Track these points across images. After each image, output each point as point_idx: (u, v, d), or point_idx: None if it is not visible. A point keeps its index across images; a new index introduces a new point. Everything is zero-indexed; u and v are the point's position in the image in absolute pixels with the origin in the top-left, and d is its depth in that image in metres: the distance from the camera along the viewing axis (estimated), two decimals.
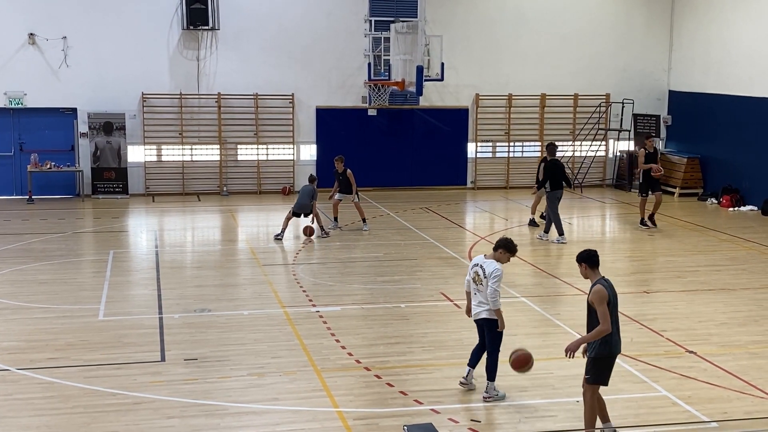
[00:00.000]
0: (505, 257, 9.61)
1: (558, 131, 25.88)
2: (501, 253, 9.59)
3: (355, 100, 24.63)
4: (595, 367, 8.32)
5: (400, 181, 24.93)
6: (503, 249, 9.59)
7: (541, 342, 11.53)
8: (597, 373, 8.33)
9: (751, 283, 14.81)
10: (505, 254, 9.59)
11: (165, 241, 18.56)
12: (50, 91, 22.84)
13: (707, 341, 11.64)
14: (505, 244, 9.62)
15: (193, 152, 23.99)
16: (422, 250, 17.26)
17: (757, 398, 9.66)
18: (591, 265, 8.48)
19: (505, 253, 9.59)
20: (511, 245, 9.64)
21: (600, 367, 8.32)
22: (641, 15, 25.91)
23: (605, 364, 8.33)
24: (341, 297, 13.76)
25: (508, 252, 9.60)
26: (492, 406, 9.39)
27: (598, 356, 8.27)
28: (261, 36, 23.82)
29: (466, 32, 24.86)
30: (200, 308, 13.02)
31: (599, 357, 8.27)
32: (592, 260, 8.49)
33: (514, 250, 9.64)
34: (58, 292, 13.92)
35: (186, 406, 9.34)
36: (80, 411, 9.19)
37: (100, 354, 10.97)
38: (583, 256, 8.53)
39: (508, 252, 9.60)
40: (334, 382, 10.03)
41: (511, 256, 9.67)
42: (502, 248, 9.60)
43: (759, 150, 22.31)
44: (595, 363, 8.31)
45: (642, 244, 18.23)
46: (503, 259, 9.61)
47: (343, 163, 19.08)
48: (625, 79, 25.93)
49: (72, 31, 22.76)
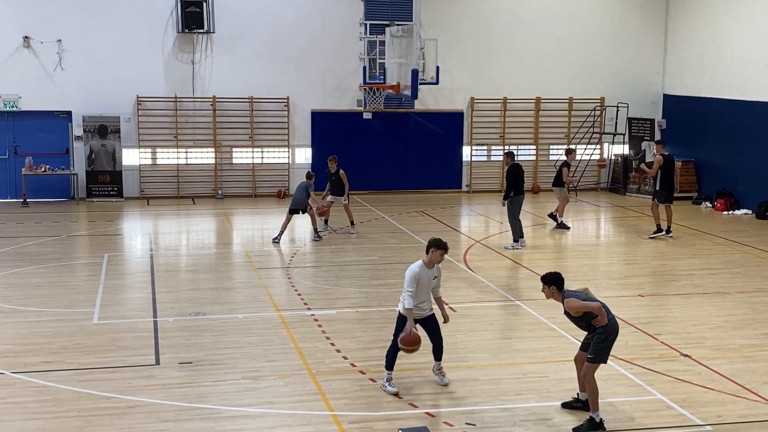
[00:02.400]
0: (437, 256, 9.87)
1: (553, 135, 25.94)
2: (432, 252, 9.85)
3: (351, 103, 24.65)
4: (600, 348, 8.91)
5: (395, 185, 24.95)
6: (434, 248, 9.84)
7: (536, 345, 11.55)
8: (600, 353, 8.93)
9: (745, 287, 14.84)
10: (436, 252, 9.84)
11: (160, 244, 18.54)
12: (45, 94, 22.83)
13: (702, 344, 11.66)
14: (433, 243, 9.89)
15: (188, 155, 23.97)
16: (417, 253, 17.22)
17: (751, 401, 9.68)
18: (558, 287, 9.00)
19: (436, 251, 9.82)
20: (440, 243, 9.89)
21: (604, 348, 8.92)
22: (635, 19, 25.98)
23: (609, 343, 8.94)
24: (336, 300, 13.76)
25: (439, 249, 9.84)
26: (487, 410, 9.39)
27: (604, 337, 8.88)
28: (256, 39, 23.83)
29: (461, 36, 24.91)
30: (195, 311, 13.01)
31: (604, 338, 8.88)
32: (559, 282, 9.00)
33: (443, 247, 9.88)
34: (53, 296, 13.90)
35: (181, 409, 9.32)
36: (75, 415, 9.17)
37: (95, 357, 10.95)
38: (550, 279, 9.01)
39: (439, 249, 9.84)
40: (329, 385, 10.03)
41: (444, 253, 9.90)
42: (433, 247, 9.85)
43: (753, 154, 22.37)
44: (601, 344, 8.90)
45: (636, 247, 18.25)
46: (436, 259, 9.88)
47: (336, 163, 19.07)
48: (619, 82, 25.99)
49: (67, 34, 22.75)
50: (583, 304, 8.86)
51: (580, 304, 8.86)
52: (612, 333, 8.93)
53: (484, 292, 14.27)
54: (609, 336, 8.90)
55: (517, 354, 11.21)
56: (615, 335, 8.98)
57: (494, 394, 9.83)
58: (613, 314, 9.01)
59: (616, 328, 8.97)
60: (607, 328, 8.88)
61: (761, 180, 21.98)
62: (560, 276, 9.01)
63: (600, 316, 8.84)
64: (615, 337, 8.99)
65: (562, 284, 8.99)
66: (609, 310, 8.98)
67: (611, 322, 8.91)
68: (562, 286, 8.99)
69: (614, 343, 9.02)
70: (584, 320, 8.97)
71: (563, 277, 9.03)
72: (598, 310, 8.82)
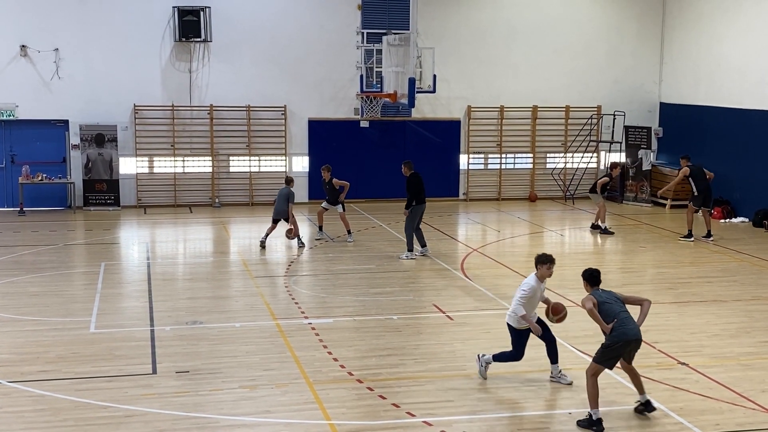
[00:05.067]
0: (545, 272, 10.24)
1: (550, 143, 25.98)
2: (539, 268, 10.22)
3: (348, 112, 24.67)
4: (604, 353, 9.23)
5: (392, 193, 24.91)
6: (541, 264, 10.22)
7: (534, 354, 11.51)
8: (603, 357, 9.24)
9: (742, 295, 14.85)
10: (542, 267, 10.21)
11: (157, 253, 18.52)
12: (42, 103, 22.83)
13: (699, 353, 11.66)
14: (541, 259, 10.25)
15: (185, 164, 23.97)
16: (415, 262, 17.26)
17: (749, 410, 9.67)
18: (591, 283, 9.55)
19: (543, 266, 10.21)
20: (547, 257, 10.24)
21: (608, 353, 9.22)
22: (632, 28, 26.05)
23: (614, 351, 9.21)
24: (333, 309, 13.75)
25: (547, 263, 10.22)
26: (485, 419, 9.38)
27: (609, 345, 9.20)
28: (253, 48, 23.86)
29: (458, 44, 24.95)
30: (192, 320, 12.99)
31: (609, 345, 9.19)
32: (591, 279, 9.55)
33: (550, 261, 10.22)
34: (50, 305, 13.87)
35: (177, 419, 9.30)
36: (71, 424, 9.15)
37: (92, 367, 10.92)
38: (585, 275, 9.60)
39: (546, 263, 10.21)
40: (327, 394, 10.01)
41: (552, 266, 10.25)
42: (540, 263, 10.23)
43: (749, 162, 22.41)
44: (606, 350, 9.23)
45: (633, 255, 18.26)
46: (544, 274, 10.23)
47: (329, 172, 19.07)
48: (616, 91, 26.05)
49: (64, 43, 22.77)
50: (582, 301, 9.37)
51: (584, 305, 9.31)
52: (618, 342, 9.14)
53: (482, 301, 14.26)
54: (612, 343, 9.16)
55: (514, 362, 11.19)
56: (623, 346, 9.18)
57: (491, 403, 9.83)
58: (629, 326, 9.17)
59: (623, 339, 9.15)
60: (612, 336, 9.17)
61: (758, 188, 22.01)
62: (594, 273, 9.50)
63: (596, 321, 9.25)
64: (623, 347, 9.21)
65: (592, 281, 9.47)
66: (625, 320, 9.19)
67: (617, 332, 9.13)
68: (593, 283, 9.47)
69: (624, 350, 9.24)
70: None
71: (598, 276, 9.49)
72: (589, 312, 9.24)
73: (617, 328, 9.14)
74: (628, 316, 9.25)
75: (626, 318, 9.22)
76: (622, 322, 9.17)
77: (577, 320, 13.05)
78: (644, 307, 9.43)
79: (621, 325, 9.16)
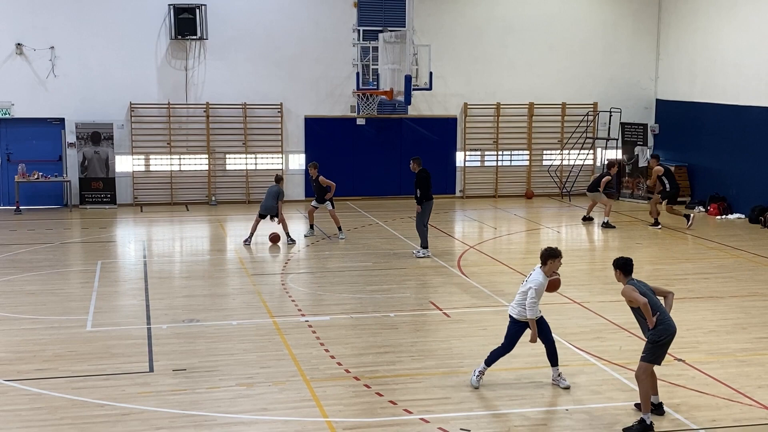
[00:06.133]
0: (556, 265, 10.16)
1: (546, 140, 25.99)
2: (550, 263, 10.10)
3: (344, 109, 24.66)
4: (654, 349, 9.00)
5: (389, 190, 24.94)
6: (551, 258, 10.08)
7: (531, 350, 11.53)
8: (653, 353, 9.01)
9: (738, 291, 14.87)
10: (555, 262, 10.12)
11: (153, 251, 18.51)
12: (38, 101, 22.79)
13: (695, 349, 11.68)
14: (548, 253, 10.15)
15: (181, 162, 23.95)
16: (411, 259, 17.26)
17: (745, 405, 9.69)
18: (624, 272, 9.25)
19: (554, 260, 10.11)
20: (557, 251, 10.15)
21: (658, 349, 9.01)
22: (628, 25, 26.05)
23: (664, 346, 9.02)
24: (330, 306, 13.75)
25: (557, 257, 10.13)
26: (482, 416, 9.38)
27: (658, 340, 8.96)
28: (249, 45, 23.83)
29: (454, 42, 24.94)
30: (189, 318, 12.98)
31: (658, 340, 8.97)
32: (626, 268, 9.26)
33: (559, 254, 10.14)
34: (46, 303, 13.86)
35: (174, 417, 9.30)
36: (68, 422, 9.14)
37: (88, 365, 10.91)
38: (618, 264, 9.31)
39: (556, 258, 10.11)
40: (324, 391, 10.01)
41: (560, 259, 10.17)
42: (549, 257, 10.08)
43: (746, 158, 22.44)
44: (654, 346, 8.99)
45: (630, 252, 18.24)
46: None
47: (316, 169, 19.04)
48: (612, 88, 26.06)
49: (59, 41, 22.73)
50: (632, 294, 8.98)
51: (629, 294, 9.00)
52: (665, 335, 8.96)
53: (478, 298, 14.27)
54: (661, 337, 8.94)
55: (511, 359, 11.19)
56: (670, 337, 9.01)
57: (489, 400, 9.83)
58: (669, 318, 9.04)
59: (671, 332, 9.00)
60: (658, 330, 8.95)
61: (754, 184, 22.04)
62: (628, 261, 9.24)
63: (647, 315, 8.92)
64: (670, 338, 9.03)
65: (626, 270, 9.20)
66: (665, 312, 9.04)
67: (664, 325, 8.96)
68: (627, 272, 9.20)
69: (670, 344, 9.08)
70: (639, 314, 9.10)
71: (632, 265, 9.25)
72: (644, 306, 8.88)
73: (663, 322, 8.96)
74: (665, 308, 9.11)
75: (665, 310, 9.07)
76: (664, 315, 9.00)
77: (573, 317, 13.09)
78: (669, 299, 9.26)
79: (666, 319, 9.01)
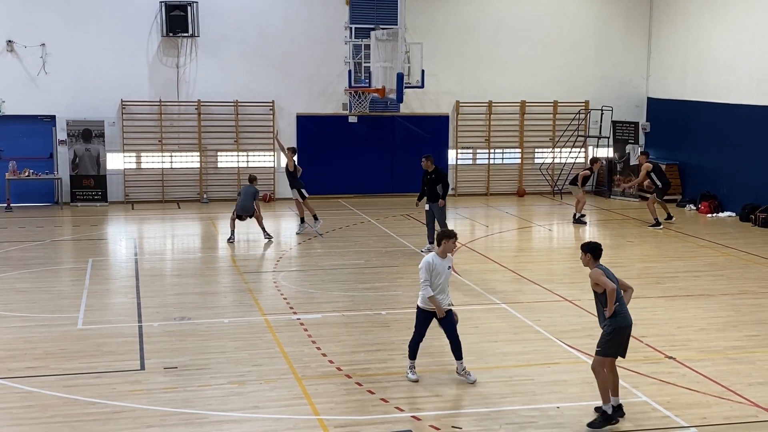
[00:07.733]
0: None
1: (538, 138, 26.02)
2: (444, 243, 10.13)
3: (336, 107, 24.64)
4: (608, 341, 8.90)
5: (380, 188, 24.94)
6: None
7: (522, 348, 11.57)
8: (608, 346, 8.91)
9: (729, 289, 14.91)
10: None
11: (144, 248, 18.47)
12: (29, 99, 22.71)
13: (686, 347, 11.72)
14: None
15: (172, 159, 23.90)
16: (403, 257, 17.27)
17: (735, 403, 9.73)
18: (594, 256, 9.16)
19: (448, 241, 10.12)
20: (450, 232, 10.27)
21: (612, 341, 8.89)
22: (620, 23, 26.10)
23: (618, 338, 8.90)
24: (322, 304, 13.75)
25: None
26: (473, 413, 9.40)
27: (612, 330, 8.88)
28: (241, 43, 23.80)
29: (446, 40, 24.95)
30: (180, 316, 12.96)
31: (612, 331, 8.88)
32: (595, 252, 9.17)
33: (453, 235, 10.21)
34: (37, 301, 13.82)
35: (166, 414, 9.29)
36: (59, 420, 9.12)
37: (79, 363, 10.89)
38: (588, 247, 9.22)
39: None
40: (315, 389, 10.02)
41: (455, 240, 10.22)
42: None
43: (736, 156, 22.51)
44: (609, 337, 8.89)
45: (621, 250, 18.32)
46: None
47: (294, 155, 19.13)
48: (604, 86, 26.10)
49: (50, 38, 22.65)
50: (600, 278, 8.89)
51: (598, 277, 8.91)
52: (619, 327, 8.84)
53: (470, 295, 14.28)
54: (616, 329, 8.84)
55: (502, 357, 11.24)
56: (624, 331, 8.90)
57: (480, 398, 9.85)
58: (626, 310, 8.95)
59: (626, 323, 8.90)
60: (614, 320, 8.84)
61: (745, 182, 22.11)
62: (598, 246, 9.19)
63: (609, 302, 8.80)
64: (625, 333, 8.92)
65: (596, 254, 9.13)
66: (624, 303, 8.94)
67: (621, 316, 8.84)
68: (596, 257, 9.13)
69: (627, 341, 8.97)
70: (600, 302, 8.99)
71: (601, 250, 9.21)
72: (611, 292, 8.78)
73: (620, 312, 8.87)
74: (624, 301, 9.02)
75: (624, 302, 8.99)
76: (623, 306, 8.92)
77: (565, 315, 13.12)
78: (628, 293, 9.14)
79: (623, 310, 8.92)
